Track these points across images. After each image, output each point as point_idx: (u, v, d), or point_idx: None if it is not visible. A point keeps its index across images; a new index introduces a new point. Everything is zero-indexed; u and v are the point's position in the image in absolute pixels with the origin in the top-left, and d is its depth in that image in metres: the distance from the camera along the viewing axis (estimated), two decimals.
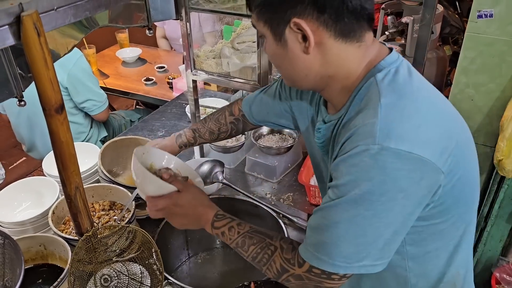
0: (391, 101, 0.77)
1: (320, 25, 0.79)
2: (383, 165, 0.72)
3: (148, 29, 1.44)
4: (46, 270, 1.29)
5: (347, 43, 0.82)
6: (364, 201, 0.74)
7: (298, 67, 0.85)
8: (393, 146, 0.72)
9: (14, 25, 0.68)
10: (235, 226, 0.98)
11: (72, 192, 0.92)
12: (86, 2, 0.77)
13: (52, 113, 0.79)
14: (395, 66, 0.83)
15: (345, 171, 0.76)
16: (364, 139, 0.74)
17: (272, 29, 0.83)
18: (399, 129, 0.74)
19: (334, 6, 0.77)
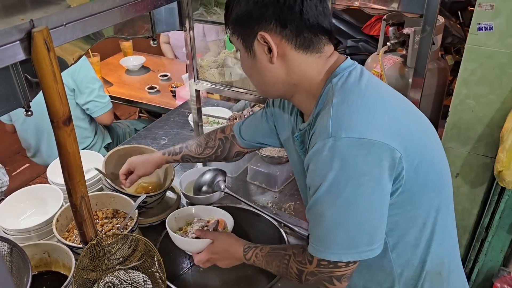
0: (341, 99, 0.87)
1: (282, 38, 0.90)
2: (340, 155, 0.81)
3: (153, 40, 1.46)
4: (49, 277, 1.31)
5: (307, 54, 0.92)
6: (334, 190, 0.84)
7: (266, 76, 0.96)
8: (344, 135, 0.81)
9: (25, 40, 0.71)
10: (259, 252, 1.12)
11: (77, 202, 0.94)
12: (94, 18, 0.80)
13: (60, 125, 0.81)
14: (348, 70, 0.93)
15: (312, 167, 0.86)
16: (320, 135, 0.84)
17: (243, 42, 0.95)
18: (348, 120, 0.84)
19: (295, 22, 0.88)
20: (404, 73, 2.02)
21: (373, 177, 0.82)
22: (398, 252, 0.96)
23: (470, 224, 1.97)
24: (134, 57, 3.43)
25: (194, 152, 1.43)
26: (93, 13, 0.81)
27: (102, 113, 2.46)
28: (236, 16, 0.92)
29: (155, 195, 1.53)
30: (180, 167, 1.94)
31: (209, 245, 1.22)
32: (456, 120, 1.85)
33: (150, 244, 1.20)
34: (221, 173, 1.63)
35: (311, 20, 0.89)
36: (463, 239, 2.03)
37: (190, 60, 1.64)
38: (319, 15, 0.90)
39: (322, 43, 0.93)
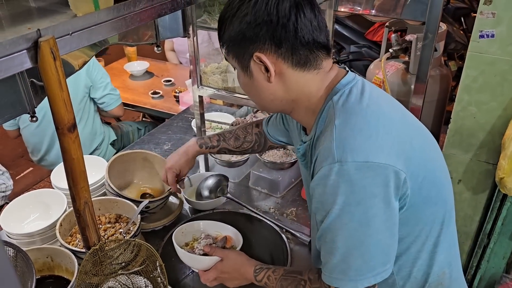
0: (343, 120, 0.86)
1: (278, 57, 0.89)
2: (348, 179, 0.81)
3: (157, 46, 1.48)
4: (52, 281, 1.32)
5: (305, 71, 0.91)
6: (346, 214, 0.83)
7: (263, 93, 0.95)
8: (350, 160, 0.81)
9: (32, 49, 0.72)
10: (271, 274, 1.12)
11: (81, 207, 0.95)
12: (100, 27, 0.81)
13: (65, 132, 0.82)
14: (349, 87, 0.92)
15: (320, 193, 0.85)
16: (325, 159, 0.84)
17: (239, 61, 0.94)
18: (352, 143, 0.83)
19: (289, 41, 0.87)
20: (406, 79, 2.03)
21: (382, 198, 0.82)
22: (400, 265, 0.96)
23: (472, 231, 1.97)
24: (138, 62, 3.46)
25: (232, 145, 1.45)
26: (98, 22, 0.82)
27: (116, 106, 2.61)
28: (230, 36, 0.91)
29: (158, 200, 1.54)
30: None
31: (218, 263, 1.21)
32: (458, 126, 1.85)
33: (152, 249, 1.20)
34: (224, 178, 1.64)
35: (306, 37, 0.88)
36: (465, 245, 2.03)
37: (194, 66, 1.65)
38: (314, 31, 0.89)
39: (319, 59, 0.92)
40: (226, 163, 1.81)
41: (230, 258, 1.21)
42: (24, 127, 2.54)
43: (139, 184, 1.70)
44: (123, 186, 1.68)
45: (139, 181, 1.71)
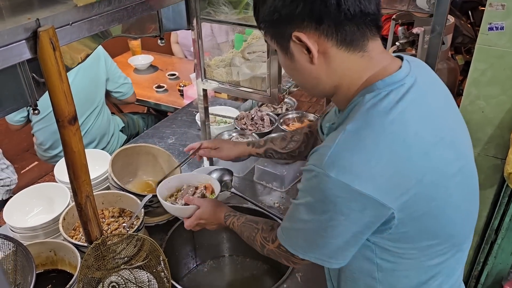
0: (355, 129, 0.78)
1: (320, 35, 0.79)
2: (324, 189, 0.77)
3: (160, 39, 1.46)
4: (56, 275, 1.31)
5: (349, 52, 0.81)
6: (309, 212, 0.83)
7: (307, 77, 0.88)
8: (333, 175, 0.75)
9: (31, 39, 0.71)
10: (236, 221, 1.20)
11: (82, 201, 0.94)
12: (100, 17, 0.79)
13: (65, 124, 0.81)
14: (390, 89, 0.80)
15: (302, 180, 0.84)
16: (315, 159, 0.79)
17: (278, 43, 0.86)
18: (346, 160, 0.76)
19: (331, 15, 0.77)
20: None
21: (351, 218, 0.78)
22: (386, 276, 0.91)
23: (479, 226, 1.95)
24: (143, 56, 3.44)
25: (279, 146, 1.41)
26: (99, 13, 0.81)
27: (132, 93, 2.74)
28: (264, 16, 0.84)
29: None
30: (187, 166, 1.93)
31: (197, 211, 1.28)
32: (465, 120, 1.81)
33: (155, 244, 1.20)
34: (228, 172, 1.62)
35: (352, 9, 0.76)
36: (473, 241, 2.00)
37: (198, 59, 1.63)
38: (362, 0, 0.77)
39: (366, 38, 0.81)
40: None
41: (205, 206, 1.28)
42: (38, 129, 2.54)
43: (143, 178, 1.69)
44: (127, 180, 1.67)
45: (142, 175, 1.70)
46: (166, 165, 1.69)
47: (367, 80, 0.83)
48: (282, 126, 1.97)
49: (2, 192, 2.31)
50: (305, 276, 1.37)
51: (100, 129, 2.59)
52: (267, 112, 2.08)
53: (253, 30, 1.83)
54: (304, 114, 2.09)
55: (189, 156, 1.56)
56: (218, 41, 2.77)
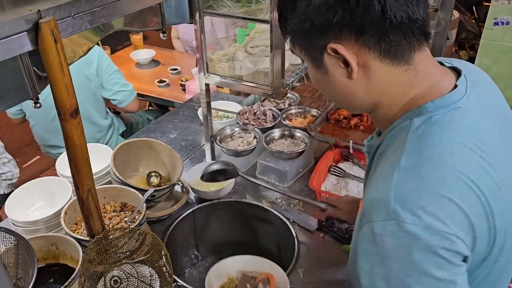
0: (411, 164, 0.67)
1: (361, 47, 0.70)
2: (408, 242, 0.64)
3: (163, 32, 1.45)
4: (57, 269, 1.31)
5: (393, 65, 0.72)
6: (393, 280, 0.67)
7: (342, 92, 0.78)
8: (409, 221, 0.64)
9: (32, 31, 0.70)
10: None
11: (84, 195, 0.93)
12: (102, 9, 0.78)
13: (67, 117, 0.80)
14: (441, 112, 0.71)
15: (365, 251, 0.69)
16: (376, 212, 0.67)
17: (309, 55, 0.76)
18: (414, 201, 0.65)
19: (374, 24, 0.67)
20: None
21: (443, 265, 0.65)
22: None
23: None
24: (145, 51, 3.43)
25: None
26: (101, 5, 0.80)
27: (131, 101, 2.55)
28: (293, 26, 0.74)
29: (164, 189, 1.53)
30: (189, 161, 1.93)
31: None
32: None
33: (157, 238, 1.19)
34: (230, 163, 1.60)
35: (399, 16, 0.67)
36: None
37: (200, 54, 1.62)
38: (409, 4, 0.67)
39: (412, 48, 0.71)
40: (233, 152, 1.79)
41: None
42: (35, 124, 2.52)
43: (145, 172, 1.69)
44: (129, 175, 1.67)
45: (144, 170, 1.70)
46: (168, 159, 1.68)
47: (413, 99, 0.74)
48: (284, 121, 1.96)
49: (4, 186, 2.31)
50: (307, 272, 1.37)
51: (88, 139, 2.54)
52: (270, 107, 2.07)
53: (255, 25, 1.82)
54: (307, 109, 2.08)
55: None
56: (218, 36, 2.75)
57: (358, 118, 1.89)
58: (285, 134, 1.89)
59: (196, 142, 2.08)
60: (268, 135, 1.86)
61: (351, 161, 1.78)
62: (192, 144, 2.07)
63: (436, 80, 0.74)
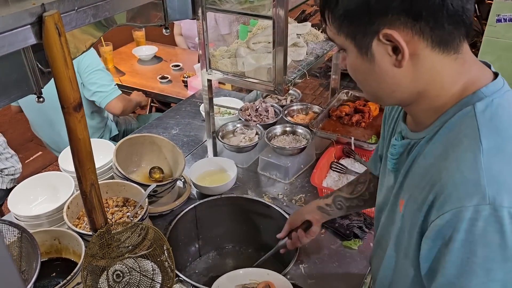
0: (496, 145, 0.67)
1: (415, 34, 0.69)
2: (501, 229, 0.64)
3: (165, 28, 1.45)
4: (60, 263, 1.31)
5: (443, 54, 0.72)
6: (486, 271, 0.66)
7: (385, 82, 0.77)
8: (507, 204, 0.63)
9: (36, 25, 0.70)
10: None
11: (87, 189, 0.94)
12: (106, 3, 0.79)
13: (71, 111, 0.81)
14: (497, 96, 0.72)
15: (455, 239, 0.67)
16: (467, 197, 0.65)
17: (356, 42, 0.75)
18: (510, 181, 0.64)
19: (432, 11, 0.67)
20: None
21: None
22: None
23: None
24: (147, 47, 3.43)
25: (346, 191, 1.27)
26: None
27: (107, 103, 2.37)
28: (346, 10, 0.72)
29: (166, 184, 1.53)
30: (191, 157, 1.93)
31: None
32: None
33: (160, 233, 1.19)
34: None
35: (455, 5, 0.67)
36: None
37: (203, 50, 1.63)
38: None
39: (460, 38, 0.72)
40: (235, 148, 1.79)
41: None
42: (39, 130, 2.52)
43: (147, 168, 1.69)
44: (131, 170, 1.67)
45: (146, 165, 1.70)
46: (170, 155, 1.69)
47: (464, 87, 0.74)
48: (286, 118, 1.96)
49: (6, 181, 2.32)
50: (308, 267, 1.38)
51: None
52: (272, 103, 2.08)
53: (257, 21, 1.82)
54: (308, 106, 2.08)
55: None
56: (221, 32, 2.75)
57: (360, 115, 1.89)
58: (287, 131, 1.89)
59: (198, 138, 2.08)
60: (270, 131, 1.86)
61: (352, 157, 1.78)
62: (194, 140, 2.07)
63: (480, 67, 0.76)
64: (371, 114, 1.88)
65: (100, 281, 1.14)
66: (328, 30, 0.78)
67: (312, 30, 1.87)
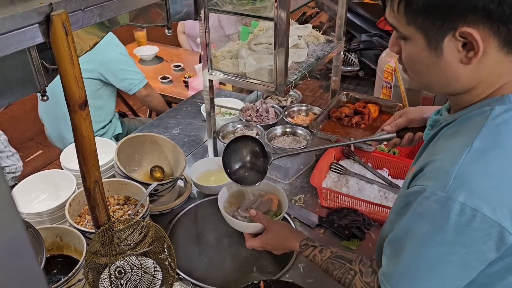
0: (483, 148, 0.72)
1: (492, 33, 0.71)
2: (447, 216, 0.71)
3: (168, 28, 1.47)
4: (61, 260, 1.33)
5: (506, 55, 0.74)
6: (423, 246, 0.76)
7: (445, 76, 0.78)
8: (461, 200, 0.70)
9: (44, 24, 0.72)
10: (318, 254, 1.08)
11: (91, 186, 0.95)
12: (112, 3, 0.80)
13: (76, 109, 0.82)
14: None
15: (412, 209, 0.77)
16: (435, 179, 0.73)
17: (427, 36, 0.75)
18: (474, 183, 0.70)
19: (509, 12, 0.68)
20: None
21: (472, 251, 0.73)
22: None
23: None
24: (148, 47, 3.45)
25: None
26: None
27: (139, 89, 2.56)
28: (428, 6, 0.72)
29: (167, 183, 1.55)
30: (192, 157, 1.95)
31: (263, 235, 1.20)
32: None
33: (161, 230, 1.21)
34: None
35: None
36: None
37: (204, 50, 1.64)
38: None
39: None
40: None
41: (273, 231, 1.18)
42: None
43: (148, 167, 1.70)
44: (132, 169, 1.69)
45: (148, 164, 1.71)
46: (171, 154, 1.70)
47: (501, 88, 0.77)
48: (287, 119, 1.98)
49: (7, 179, 2.33)
50: (307, 267, 1.39)
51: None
52: (272, 104, 2.09)
53: (259, 22, 1.84)
54: (309, 107, 2.09)
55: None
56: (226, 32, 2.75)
57: (360, 116, 1.90)
58: (287, 131, 1.90)
59: (198, 138, 2.10)
60: (270, 132, 1.87)
61: (352, 159, 1.80)
62: (194, 140, 2.08)
63: None
64: (371, 115, 1.89)
65: (102, 277, 1.16)
66: (391, 18, 0.78)
67: (313, 32, 1.89)
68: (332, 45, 1.87)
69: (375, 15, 4.31)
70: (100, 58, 2.35)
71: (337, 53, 1.93)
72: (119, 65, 2.46)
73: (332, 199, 1.60)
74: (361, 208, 1.55)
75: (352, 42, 4.43)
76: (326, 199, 1.62)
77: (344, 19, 1.89)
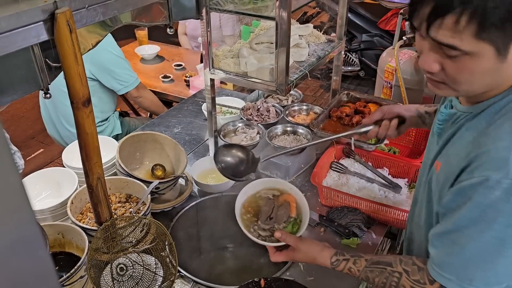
0: None
1: None
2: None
3: (169, 27, 1.47)
4: (63, 258, 1.33)
5: None
6: (493, 230, 0.79)
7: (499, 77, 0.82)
8: None
9: (48, 21, 0.72)
10: (353, 266, 1.05)
11: (94, 183, 0.96)
12: (115, 2, 0.81)
13: (79, 106, 0.83)
14: None
15: (473, 200, 0.80)
16: (496, 170, 0.77)
17: (497, 45, 0.75)
18: None
19: None
20: (419, 67, 2.01)
21: None
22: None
23: None
24: (149, 46, 3.45)
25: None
26: None
27: (127, 92, 2.54)
28: (505, 18, 0.72)
29: (168, 181, 1.55)
30: (193, 155, 1.96)
31: (290, 253, 1.15)
32: None
33: (163, 227, 1.22)
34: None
35: None
36: None
37: (206, 49, 1.65)
38: None
39: None
40: None
41: (302, 251, 1.14)
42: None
43: (149, 165, 1.71)
44: (134, 167, 1.69)
45: (149, 162, 1.72)
46: (173, 153, 1.71)
47: None
48: (287, 118, 1.99)
49: None
50: (307, 265, 1.39)
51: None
52: (273, 103, 2.10)
53: (260, 22, 1.85)
54: (310, 106, 2.10)
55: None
56: (223, 33, 2.76)
57: (360, 116, 1.91)
58: (288, 130, 1.91)
59: (199, 137, 2.11)
60: (271, 131, 1.88)
61: (352, 158, 1.80)
62: (196, 139, 2.09)
63: None
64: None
65: (104, 274, 1.16)
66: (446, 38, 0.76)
67: (314, 31, 1.90)
68: (333, 44, 1.88)
69: (375, 15, 4.32)
70: (92, 57, 2.34)
71: (338, 53, 1.94)
72: (109, 65, 2.43)
73: (332, 198, 1.60)
74: (361, 207, 1.56)
75: (353, 42, 4.43)
76: (327, 198, 1.63)
77: (345, 19, 1.90)
